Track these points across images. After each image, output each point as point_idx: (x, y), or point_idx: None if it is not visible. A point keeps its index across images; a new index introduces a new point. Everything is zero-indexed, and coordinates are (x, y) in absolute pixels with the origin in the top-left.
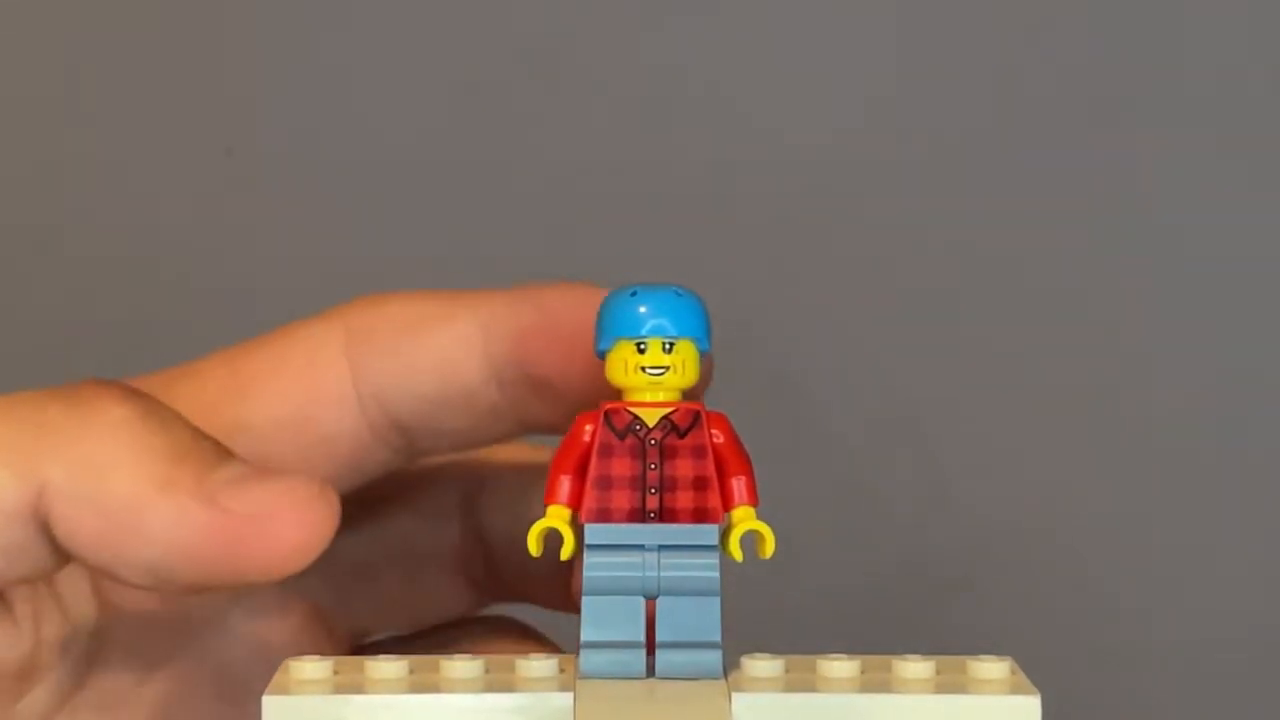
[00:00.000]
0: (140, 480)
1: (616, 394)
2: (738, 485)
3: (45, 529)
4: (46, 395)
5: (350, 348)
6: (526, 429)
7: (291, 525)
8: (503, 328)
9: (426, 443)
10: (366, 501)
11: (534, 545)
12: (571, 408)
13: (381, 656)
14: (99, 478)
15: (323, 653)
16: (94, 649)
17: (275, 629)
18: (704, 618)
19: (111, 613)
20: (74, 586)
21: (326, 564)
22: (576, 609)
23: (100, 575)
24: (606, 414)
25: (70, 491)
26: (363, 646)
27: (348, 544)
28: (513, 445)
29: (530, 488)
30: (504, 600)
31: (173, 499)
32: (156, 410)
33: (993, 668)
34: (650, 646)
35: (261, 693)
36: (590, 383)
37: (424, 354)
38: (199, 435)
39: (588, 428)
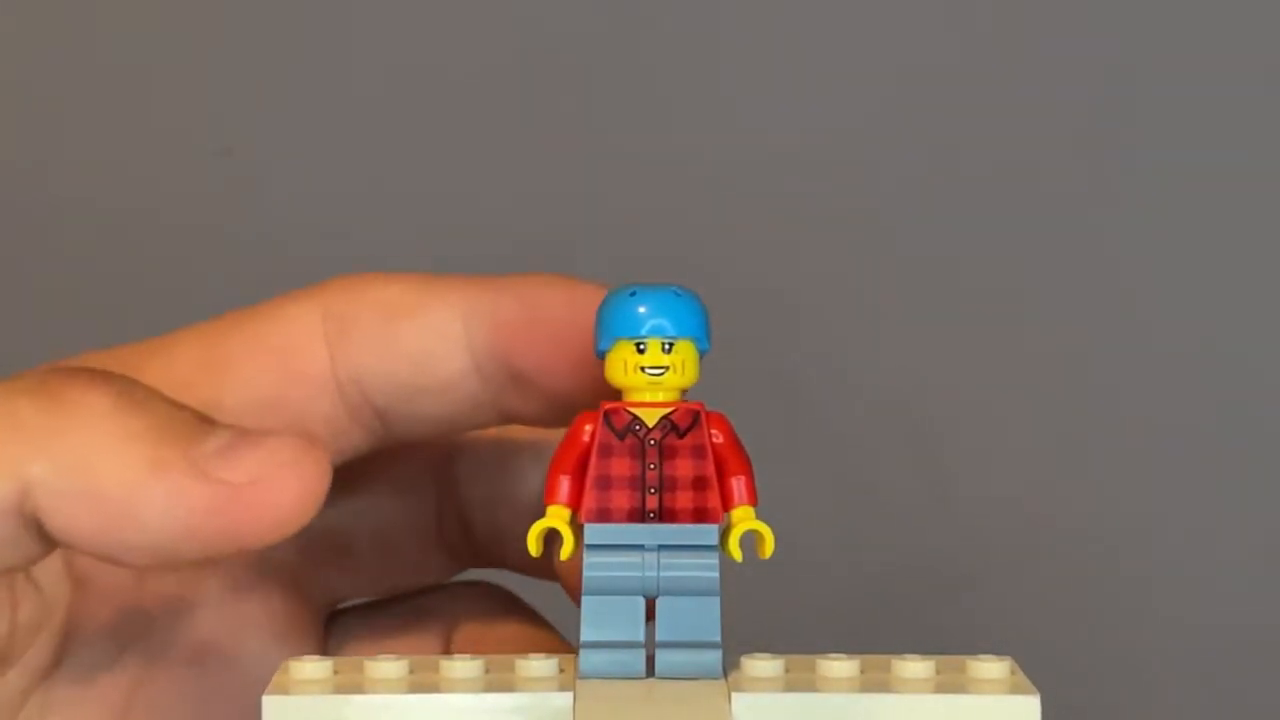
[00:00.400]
0: (129, 467)
1: (616, 394)
2: (737, 485)
3: (33, 524)
4: (12, 389)
5: (328, 331)
6: (508, 420)
7: (286, 488)
8: (484, 318)
9: (403, 428)
10: (341, 471)
11: (534, 545)
12: (554, 401)
13: (381, 656)
14: (87, 471)
15: (297, 621)
16: (69, 627)
17: (250, 600)
18: (704, 618)
19: (85, 591)
20: (48, 567)
21: (301, 534)
22: (553, 576)
23: (103, 561)
24: (606, 414)
25: (60, 488)
26: (337, 612)
27: (322, 514)
28: None
29: (505, 456)
30: (481, 566)
31: (165, 480)
32: (131, 390)
33: (992, 668)
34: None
35: (237, 664)
36: (574, 376)
37: (403, 342)
38: (177, 408)
39: (587, 428)
